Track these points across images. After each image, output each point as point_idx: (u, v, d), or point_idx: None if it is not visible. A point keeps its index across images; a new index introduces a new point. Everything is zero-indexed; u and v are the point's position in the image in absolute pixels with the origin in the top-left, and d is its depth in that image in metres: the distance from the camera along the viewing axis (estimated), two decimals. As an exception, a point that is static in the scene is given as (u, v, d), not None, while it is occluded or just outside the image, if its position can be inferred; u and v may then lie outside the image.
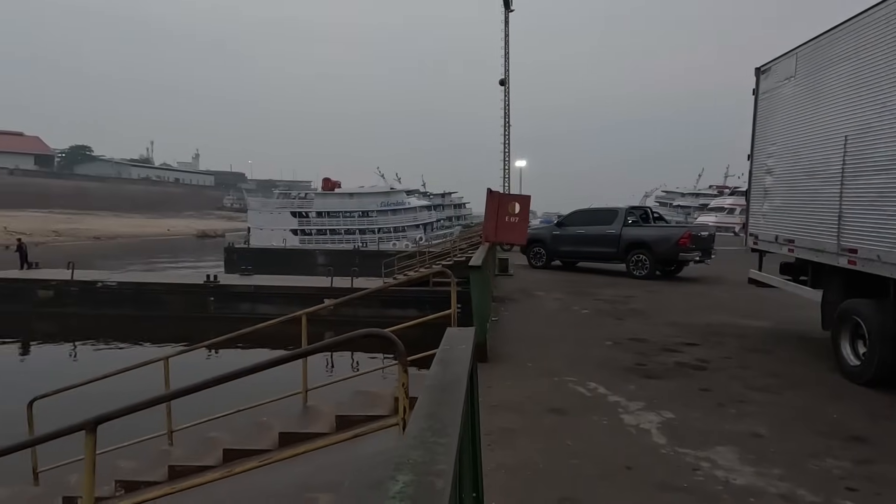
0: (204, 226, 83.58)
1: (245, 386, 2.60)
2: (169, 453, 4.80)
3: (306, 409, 4.95)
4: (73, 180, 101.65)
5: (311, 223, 45.82)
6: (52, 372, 14.60)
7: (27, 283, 20.38)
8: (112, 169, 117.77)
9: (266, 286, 19.85)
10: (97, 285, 20.13)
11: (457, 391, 1.56)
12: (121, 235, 63.16)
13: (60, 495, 4.37)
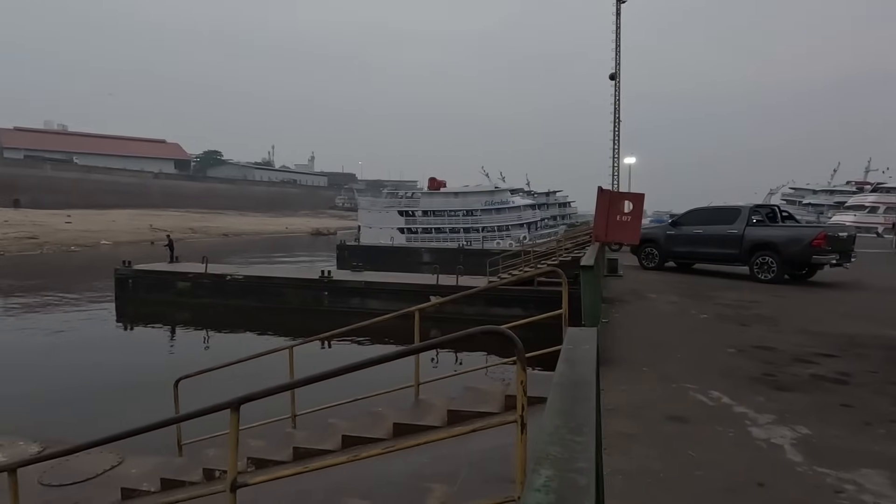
0: (318, 224, 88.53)
1: (359, 376, 2.73)
2: (293, 436, 5.15)
3: (418, 402, 5.09)
4: (206, 182, 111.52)
5: (417, 222, 47.00)
6: (188, 355, 16.17)
7: (170, 275, 22.70)
8: (238, 172, 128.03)
9: (375, 282, 20.65)
10: (226, 278, 21.98)
11: (587, 390, 1.54)
12: (245, 233, 68.50)
13: (201, 466, 4.84)
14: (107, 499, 4.96)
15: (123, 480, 5.20)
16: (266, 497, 3.64)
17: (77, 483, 5.34)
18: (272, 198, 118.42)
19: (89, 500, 5.03)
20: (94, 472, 5.50)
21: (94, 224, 56.72)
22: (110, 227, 55.39)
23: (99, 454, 5.71)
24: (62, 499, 5.08)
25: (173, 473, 4.89)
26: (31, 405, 10.55)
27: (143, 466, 5.57)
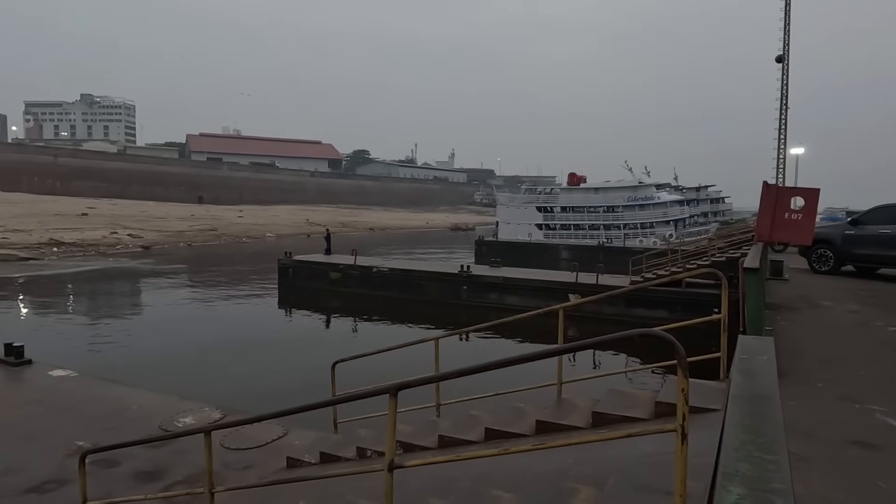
0: (456, 219, 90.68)
1: (499, 371, 2.75)
2: (437, 424, 5.34)
3: (561, 401, 5.02)
4: (355, 180, 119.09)
5: (556, 218, 46.24)
6: (340, 340, 17.44)
7: (324, 265, 24.62)
8: (384, 169, 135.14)
9: (513, 278, 20.69)
10: (373, 270, 23.34)
11: (770, 406, 1.41)
12: (389, 227, 72.21)
13: (355, 445, 5.20)
14: (275, 465, 5.53)
15: (288, 450, 5.76)
16: (415, 479, 3.82)
17: (251, 448, 6.01)
18: (414, 194, 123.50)
19: (261, 464, 5.64)
20: (265, 441, 6.15)
21: (261, 218, 63.21)
22: (274, 221, 61.36)
23: (268, 425, 6.38)
24: (239, 461, 5.75)
25: (330, 448, 5.32)
26: (215, 378, 12.05)
27: (304, 439, 6.12)
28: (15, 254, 30.49)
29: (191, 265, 33.37)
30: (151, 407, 7.43)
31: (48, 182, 73.19)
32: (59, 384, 8.19)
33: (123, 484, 5.31)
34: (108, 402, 7.61)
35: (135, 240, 40.67)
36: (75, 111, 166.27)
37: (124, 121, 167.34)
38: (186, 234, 46.23)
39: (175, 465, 5.70)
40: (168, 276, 28.35)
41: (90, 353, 14.28)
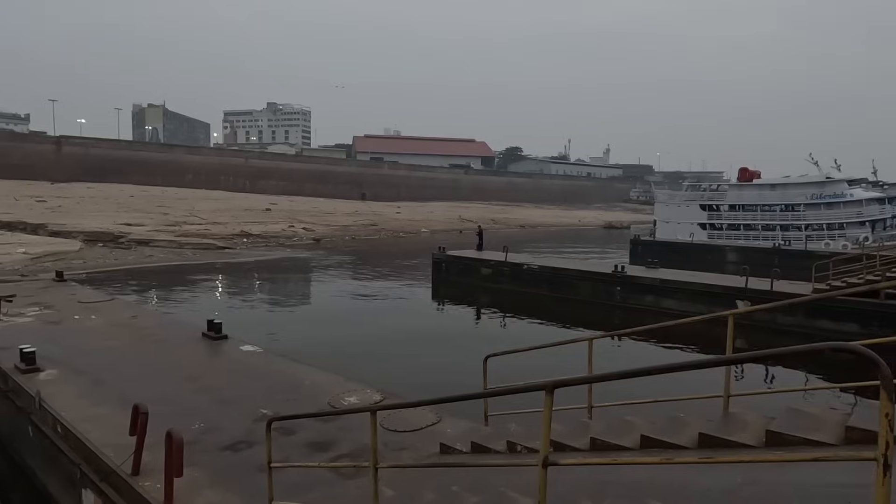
0: (610, 217, 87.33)
1: (658, 378, 2.61)
2: (589, 426, 5.23)
3: (728, 415, 4.64)
4: (507, 177, 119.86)
5: (723, 217, 42.55)
6: (490, 334, 17.75)
7: (476, 261, 25.19)
8: (535, 166, 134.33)
9: (672, 280, 19.46)
10: (523, 267, 23.37)
11: None
12: (540, 224, 71.68)
13: (505, 439, 5.28)
14: (429, 449, 5.81)
15: (441, 437, 6.02)
16: (567, 478, 3.78)
17: (406, 431, 6.39)
18: (566, 191, 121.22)
19: (415, 447, 5.96)
20: (419, 426, 6.49)
21: (417, 214, 66.33)
22: (428, 217, 64.05)
23: (423, 411, 6.72)
24: (396, 441, 6.13)
25: (481, 440, 5.46)
26: (374, 363, 12.95)
27: (456, 428, 6.36)
28: (214, 243, 35.34)
29: (354, 257, 36.08)
30: (321, 384, 8.19)
31: (240, 181, 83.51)
32: (248, 358, 9.37)
33: (298, 451, 5.93)
34: (286, 376, 8.54)
35: (308, 233, 44.97)
36: (262, 118, 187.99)
37: (301, 125, 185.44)
38: (351, 229, 50.06)
39: (341, 439, 6.24)
40: (334, 267, 30.97)
41: (270, 332, 16.10)
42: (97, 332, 10.73)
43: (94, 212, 44.33)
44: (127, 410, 6.23)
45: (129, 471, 5.29)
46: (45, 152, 74.70)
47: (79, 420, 6.50)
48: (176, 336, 10.62)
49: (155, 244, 33.26)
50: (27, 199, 48.68)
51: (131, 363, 8.91)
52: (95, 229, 35.00)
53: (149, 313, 13.16)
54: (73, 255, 27.75)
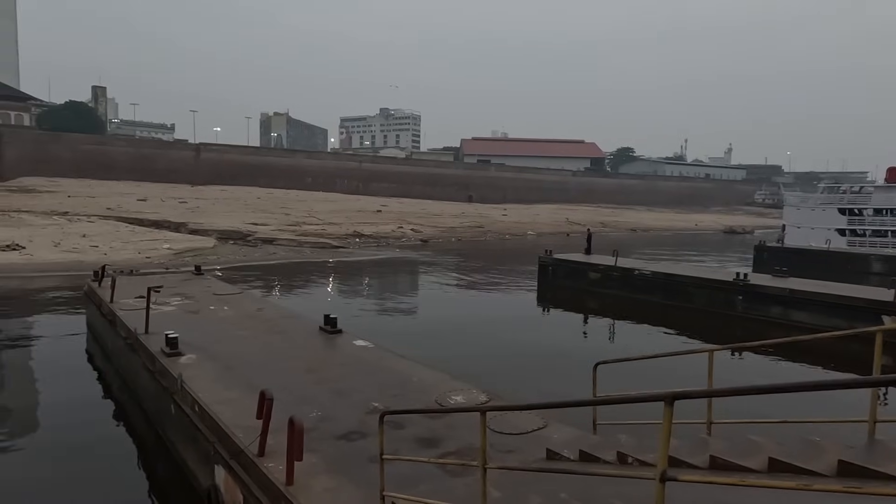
0: (731, 221, 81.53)
1: (788, 397, 2.38)
2: (708, 443, 4.92)
3: (873, 442, 4.17)
4: (617, 179, 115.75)
5: (866, 222, 38.25)
6: (596, 342, 17.24)
7: (584, 265, 24.58)
8: (649, 167, 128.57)
9: (804, 291, 17.78)
10: (634, 272, 22.45)
11: None
12: (653, 228, 68.44)
13: (615, 449, 5.11)
14: (535, 454, 5.76)
15: (547, 442, 5.94)
16: (683, 496, 3.59)
17: (512, 434, 6.37)
18: (682, 193, 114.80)
19: (521, 451, 5.93)
20: (525, 429, 6.45)
21: (523, 216, 65.89)
22: (535, 220, 63.39)
23: (529, 415, 6.66)
24: (502, 443, 6.13)
25: (590, 448, 5.32)
26: (478, 363, 13.06)
27: (563, 434, 6.24)
28: (330, 242, 37.36)
29: (460, 258, 36.56)
30: (428, 382, 8.39)
31: (354, 183, 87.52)
32: (360, 352, 9.81)
33: (407, 445, 6.11)
34: (395, 372, 8.83)
35: (416, 234, 46.21)
36: (375, 123, 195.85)
37: (411, 129, 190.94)
38: (457, 230, 50.76)
39: (447, 437, 6.35)
40: (440, 267, 31.56)
41: (379, 327, 16.72)
42: (228, 321, 11.73)
43: (226, 212, 48.50)
44: (254, 395, 6.74)
45: (255, 451, 5.73)
46: (187, 158, 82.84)
47: (213, 402, 7.14)
48: (296, 329, 11.35)
49: (278, 242, 35.75)
50: (171, 201, 54.26)
51: (257, 352, 9.65)
52: (227, 228, 38.29)
53: (272, 306, 14.17)
54: (209, 251, 30.54)
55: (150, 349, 9.30)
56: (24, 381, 12.51)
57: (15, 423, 10.18)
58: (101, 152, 78.26)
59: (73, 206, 45.58)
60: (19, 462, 8.58)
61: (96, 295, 13.68)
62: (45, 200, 48.47)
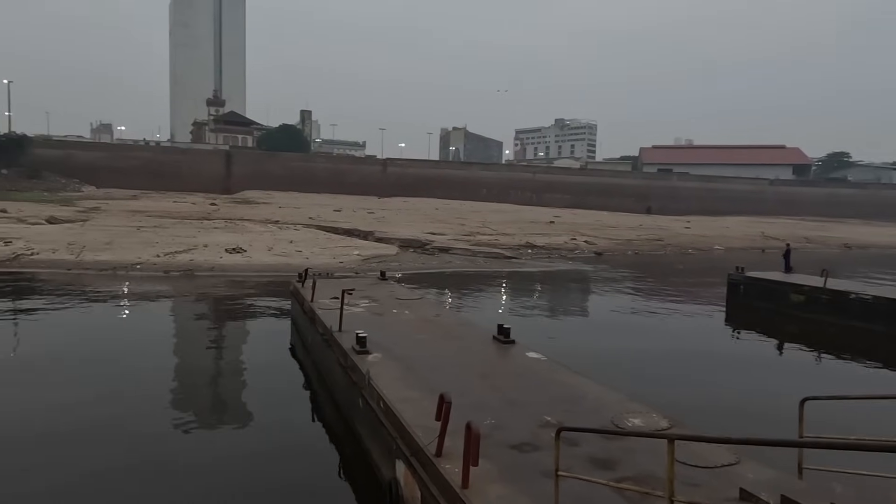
0: None
1: None
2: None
3: None
4: (827, 188, 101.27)
5: None
6: (798, 373, 15.16)
7: (784, 285, 21.86)
8: (870, 174, 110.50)
9: None
10: (849, 296, 19.39)
11: None
12: (873, 245, 58.53)
13: (828, 501, 4.45)
14: (725, 492, 5.23)
15: (740, 480, 5.37)
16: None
17: (698, 466, 5.86)
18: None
19: (708, 486, 5.43)
20: (714, 463, 5.89)
21: (709, 229, 60.62)
22: (723, 233, 57.95)
23: (719, 448, 6.08)
24: (686, 475, 5.67)
25: (794, 495, 4.69)
26: (656, 384, 12.27)
27: (759, 474, 5.59)
28: (502, 252, 37.97)
29: (637, 272, 34.76)
30: (603, 400, 8.10)
31: (527, 194, 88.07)
32: (533, 364, 9.80)
33: (580, 464, 5.96)
34: (568, 387, 8.67)
35: (590, 246, 44.99)
36: (550, 134, 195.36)
37: (587, 139, 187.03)
38: (634, 243, 48.38)
39: (624, 460, 6.06)
40: (616, 281, 30.30)
41: (550, 340, 16.55)
42: (409, 325, 12.51)
43: (408, 222, 51.87)
44: (431, 397, 7.10)
45: (433, 451, 6.02)
46: (375, 172, 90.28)
47: (396, 400, 7.66)
48: (470, 336, 11.72)
49: (453, 251, 37.28)
50: (361, 211, 59.52)
51: (434, 355, 10.15)
52: (408, 237, 40.91)
53: (448, 313, 14.81)
54: (391, 258, 32.90)
55: (343, 346, 10.27)
56: (239, 368, 14.60)
57: (232, 402, 11.95)
58: (305, 168, 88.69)
59: (282, 215, 52.26)
60: (238, 434, 10.07)
61: (300, 294, 15.49)
62: (261, 211, 56.24)
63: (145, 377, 12.66)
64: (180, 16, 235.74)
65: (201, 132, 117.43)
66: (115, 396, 11.35)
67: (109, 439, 9.40)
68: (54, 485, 7.91)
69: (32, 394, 11.37)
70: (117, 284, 23.87)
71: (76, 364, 13.47)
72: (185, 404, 11.40)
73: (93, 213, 47.51)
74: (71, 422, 9.99)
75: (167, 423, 10.23)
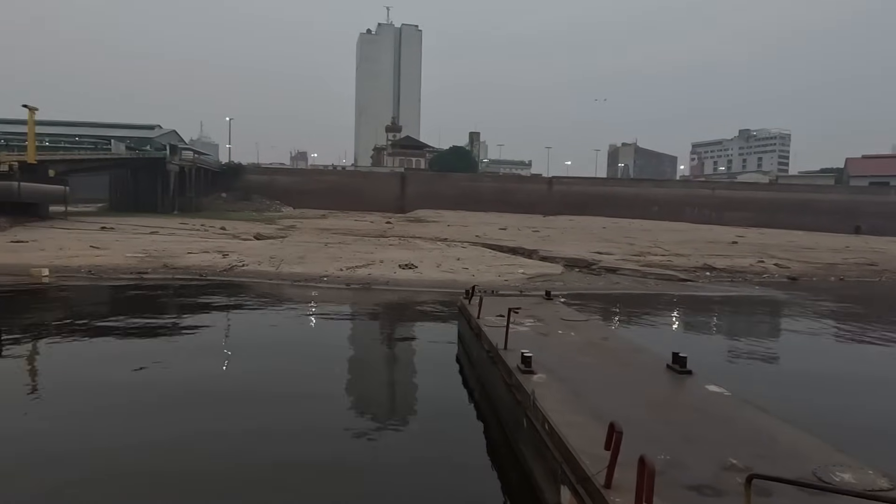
0: None
1: None
2: None
3: None
4: None
5: None
6: None
7: None
8: None
9: None
10: None
11: None
12: None
13: None
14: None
15: None
16: None
17: (931, 541, 4.84)
18: None
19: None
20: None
21: (941, 254, 50.69)
22: (962, 258, 48.02)
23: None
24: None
25: None
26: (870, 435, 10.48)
27: None
28: (676, 275, 35.44)
29: (846, 303, 30.13)
30: (801, 447, 7.08)
31: (705, 212, 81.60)
32: (714, 398, 8.93)
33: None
34: (757, 428, 7.74)
35: (781, 269, 40.13)
36: (732, 147, 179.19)
37: (778, 150, 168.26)
38: (839, 268, 42.15)
39: (830, 520, 5.22)
40: (818, 313, 26.51)
41: (733, 374, 14.96)
42: (575, 347, 12.17)
43: (573, 241, 50.90)
44: (597, 423, 6.81)
45: (601, 482, 5.74)
46: (540, 191, 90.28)
47: (562, 423, 7.47)
48: (641, 363, 11.05)
49: (621, 272, 35.68)
50: (525, 230, 59.80)
51: (601, 381, 9.73)
52: (573, 256, 40.09)
53: (617, 336, 14.14)
54: (556, 277, 32.45)
55: (508, 364, 10.31)
56: (409, 373, 15.39)
57: (401, 406, 12.62)
58: (473, 188, 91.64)
59: (451, 233, 54.49)
60: (402, 437, 10.59)
61: (466, 310, 15.92)
62: (431, 229, 59.22)
63: (322, 371, 14.30)
64: (366, 51, 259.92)
65: (380, 156, 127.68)
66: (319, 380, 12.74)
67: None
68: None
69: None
70: (308, 293, 26.72)
71: (297, 347, 17.00)
72: (357, 401, 12.42)
73: (290, 231, 53.88)
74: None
75: (343, 415, 11.20)
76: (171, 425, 10.70)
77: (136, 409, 11.57)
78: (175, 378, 13.66)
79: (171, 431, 10.37)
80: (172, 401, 12.07)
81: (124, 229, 47.92)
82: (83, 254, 34.43)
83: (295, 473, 9.06)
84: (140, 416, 11.15)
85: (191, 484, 8.70)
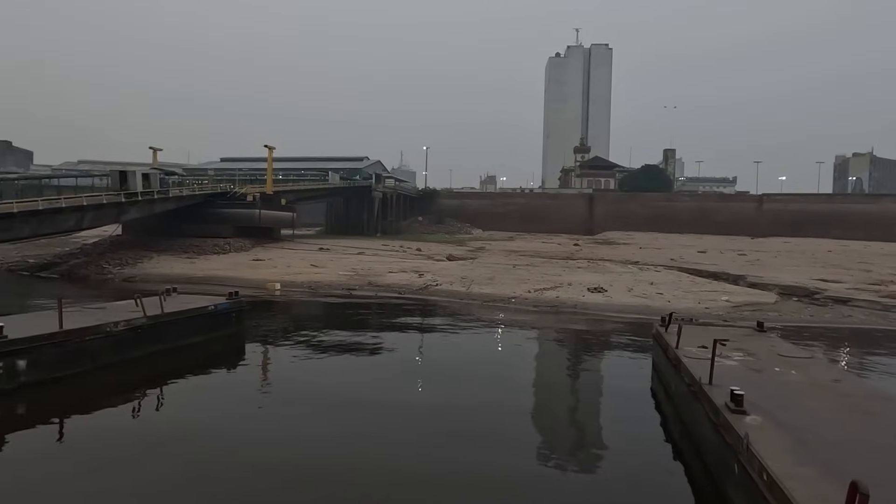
0: None
1: None
2: None
3: None
4: None
5: None
6: None
7: None
8: None
9: None
10: None
11: None
12: None
13: None
14: None
15: None
16: None
17: None
18: None
19: None
20: None
21: None
22: None
23: None
24: None
25: None
26: None
27: None
28: None
29: None
30: None
31: (973, 233, 66.47)
32: None
33: None
34: None
35: None
36: None
37: None
38: None
39: None
40: None
41: None
42: (796, 388, 10.66)
43: (789, 266, 44.90)
44: (832, 480, 5.87)
45: (840, 549, 4.92)
46: (747, 210, 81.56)
47: (784, 475, 6.56)
48: (888, 412, 9.29)
49: (853, 303, 30.45)
50: (729, 253, 54.33)
51: (834, 430, 8.37)
52: (790, 283, 35.29)
53: (852, 379, 12.07)
54: (769, 306, 28.83)
55: (715, 401, 9.39)
56: (598, 406, 14.80)
57: (590, 437, 12.15)
58: (667, 207, 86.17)
59: (642, 256, 51.68)
60: (597, 467, 10.17)
61: (663, 339, 14.90)
62: (621, 251, 56.78)
63: (515, 386, 14.69)
64: (555, 74, 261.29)
65: (568, 178, 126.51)
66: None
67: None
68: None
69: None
70: (497, 314, 27.31)
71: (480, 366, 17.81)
72: (545, 423, 12.25)
73: (479, 252, 55.79)
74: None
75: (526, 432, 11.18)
76: (381, 429, 11.69)
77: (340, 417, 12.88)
78: (384, 398, 14.72)
79: (381, 436, 11.34)
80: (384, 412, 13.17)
81: (337, 250, 53.95)
82: (305, 271, 39.54)
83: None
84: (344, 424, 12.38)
85: (394, 477, 9.39)
